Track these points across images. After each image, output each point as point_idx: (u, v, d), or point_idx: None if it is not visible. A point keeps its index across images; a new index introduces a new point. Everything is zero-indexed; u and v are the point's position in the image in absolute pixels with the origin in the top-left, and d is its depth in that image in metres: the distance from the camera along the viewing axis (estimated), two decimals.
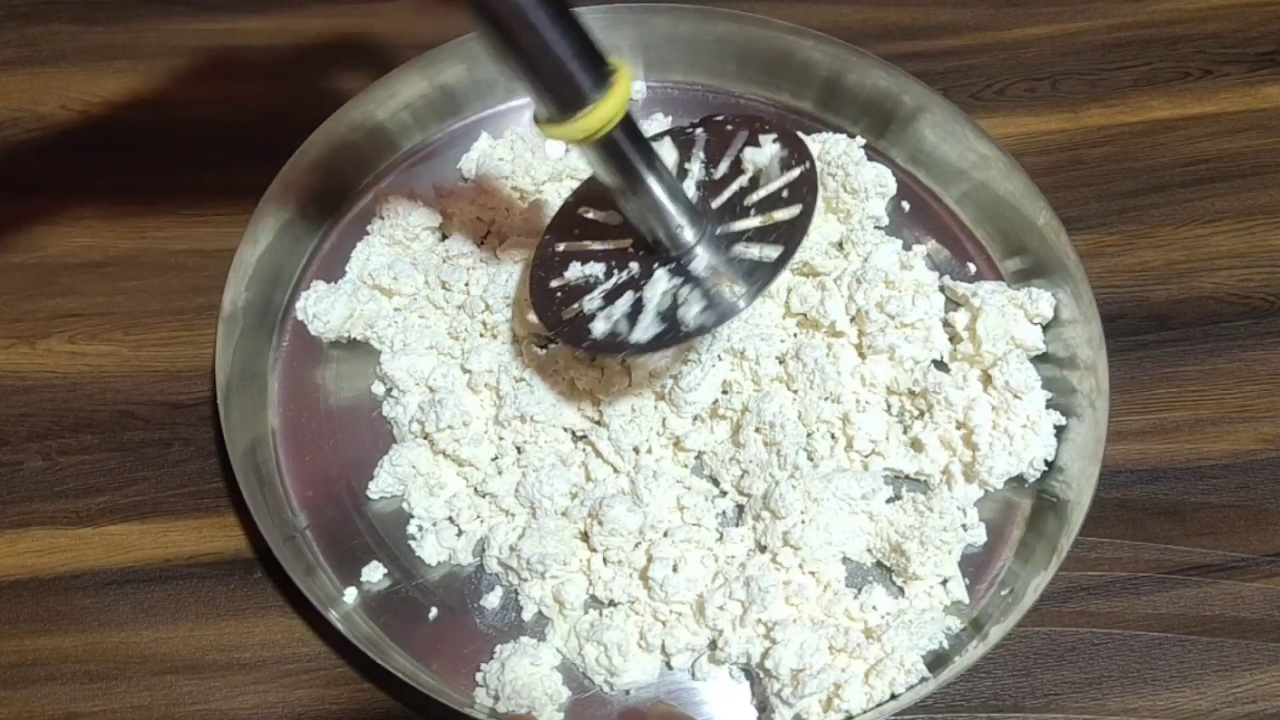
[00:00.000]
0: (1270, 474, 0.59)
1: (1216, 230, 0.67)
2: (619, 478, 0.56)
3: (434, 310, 0.61)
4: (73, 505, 0.57)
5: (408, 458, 0.56)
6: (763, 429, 0.55)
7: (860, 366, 0.59)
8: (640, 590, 0.53)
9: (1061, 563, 0.52)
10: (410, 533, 0.56)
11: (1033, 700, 0.53)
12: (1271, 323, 0.64)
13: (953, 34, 0.75)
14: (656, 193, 0.48)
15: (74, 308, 0.63)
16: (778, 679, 0.50)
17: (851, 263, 0.61)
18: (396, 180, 0.66)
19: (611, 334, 0.50)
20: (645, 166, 0.47)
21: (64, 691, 0.53)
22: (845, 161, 0.63)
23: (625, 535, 0.53)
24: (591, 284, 0.53)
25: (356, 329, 0.60)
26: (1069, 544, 0.52)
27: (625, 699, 0.52)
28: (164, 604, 0.55)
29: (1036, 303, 0.59)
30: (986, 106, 0.71)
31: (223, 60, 0.72)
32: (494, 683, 0.50)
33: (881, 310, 0.58)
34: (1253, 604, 0.56)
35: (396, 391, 0.59)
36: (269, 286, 0.61)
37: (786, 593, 0.52)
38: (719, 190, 0.53)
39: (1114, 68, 0.73)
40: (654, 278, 0.51)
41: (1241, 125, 0.71)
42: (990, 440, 0.56)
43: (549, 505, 0.55)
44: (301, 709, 0.53)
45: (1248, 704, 0.53)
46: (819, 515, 0.54)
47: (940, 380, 0.57)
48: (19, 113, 0.70)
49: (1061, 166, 0.69)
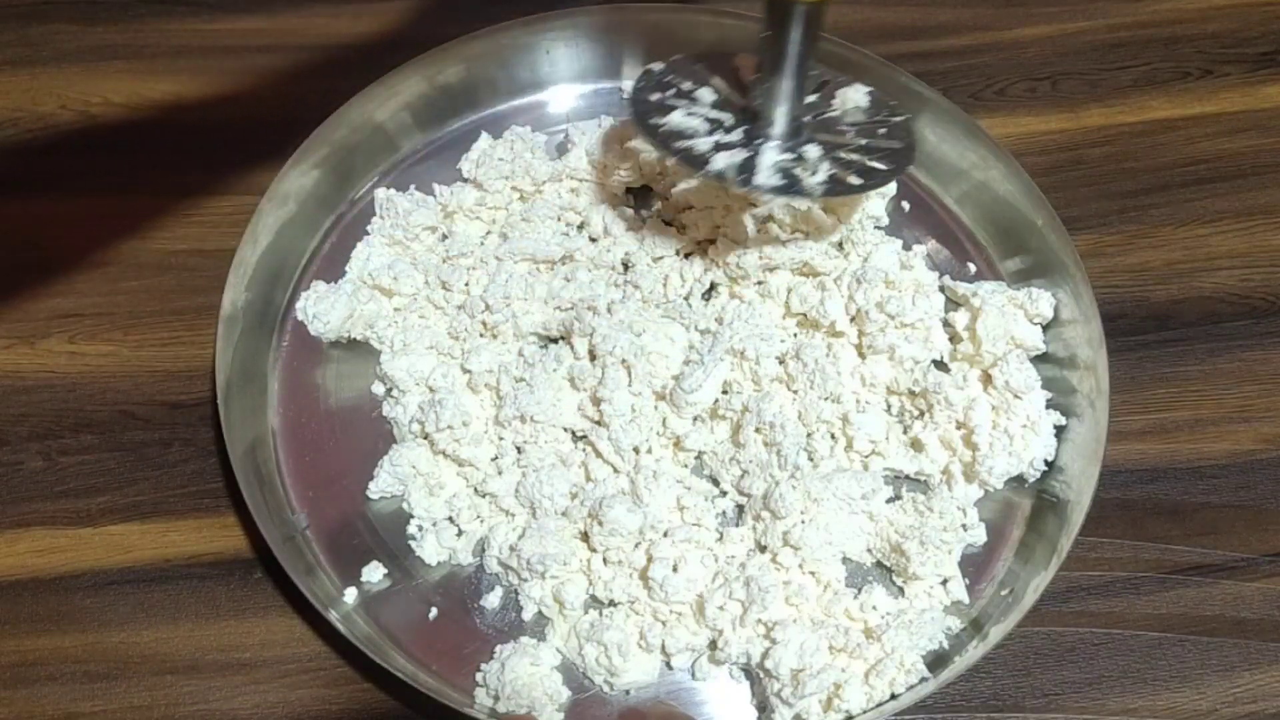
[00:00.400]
0: (1270, 474, 0.59)
1: (1216, 230, 0.67)
2: (619, 478, 0.56)
3: (434, 310, 0.61)
4: (73, 505, 0.57)
5: (408, 458, 0.56)
6: (763, 429, 0.55)
7: (860, 366, 0.59)
8: (640, 590, 0.53)
9: (1061, 563, 0.52)
10: (410, 533, 0.56)
11: (1033, 700, 0.53)
12: (1271, 323, 0.64)
13: (953, 34, 0.75)
14: (799, 76, 0.54)
15: (74, 308, 0.63)
16: (778, 679, 0.50)
17: (851, 263, 0.61)
18: (396, 180, 0.66)
19: (733, 169, 0.55)
20: (810, 50, 0.53)
21: (64, 691, 0.53)
22: None
23: (625, 535, 0.53)
24: (693, 134, 0.56)
25: (356, 329, 0.60)
26: (1069, 544, 0.52)
27: (625, 699, 0.52)
28: (164, 604, 0.55)
29: (1036, 303, 0.59)
30: (987, 106, 0.71)
31: (223, 60, 0.72)
32: (494, 683, 0.51)
33: (881, 310, 0.58)
34: (1253, 604, 0.56)
35: (396, 391, 0.59)
36: (269, 286, 0.61)
37: (786, 593, 0.52)
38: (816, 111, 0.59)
39: (1114, 68, 0.73)
40: (764, 147, 0.56)
41: (1241, 125, 0.71)
42: (990, 440, 0.56)
43: (549, 505, 0.55)
44: (301, 709, 0.53)
45: (1248, 704, 0.53)
46: (819, 515, 0.54)
47: (940, 380, 0.57)
48: (19, 113, 0.70)
49: (1061, 166, 0.69)
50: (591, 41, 0.68)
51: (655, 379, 0.57)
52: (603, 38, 0.68)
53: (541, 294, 0.60)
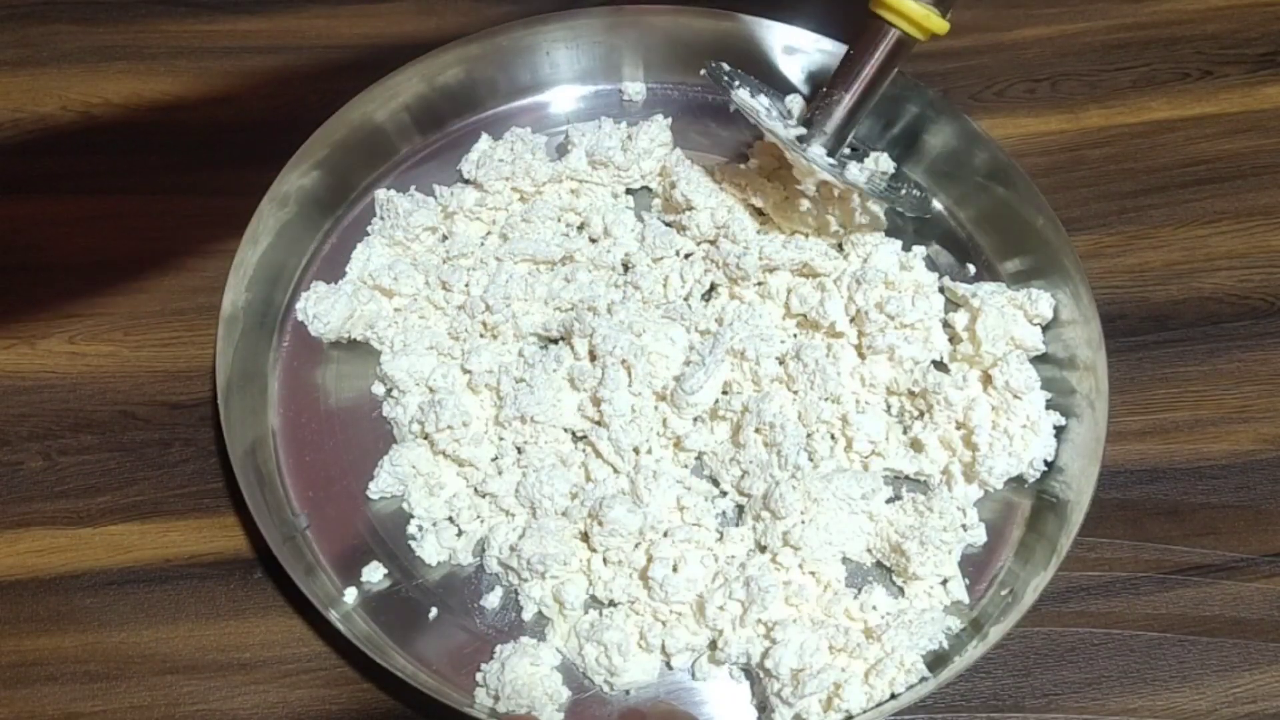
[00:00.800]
0: (1270, 474, 0.59)
1: (1216, 231, 0.67)
2: (619, 478, 0.56)
3: (434, 311, 0.61)
4: (73, 505, 0.57)
5: (408, 458, 0.56)
6: (763, 429, 0.56)
7: (860, 367, 0.59)
8: (640, 590, 0.53)
9: (1061, 563, 0.52)
10: (410, 533, 0.56)
11: (1033, 700, 0.53)
12: (1271, 323, 0.64)
13: (952, 35, 0.73)
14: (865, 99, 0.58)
15: (74, 308, 0.63)
16: (778, 679, 0.50)
17: (851, 263, 0.61)
18: (397, 181, 0.66)
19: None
20: (884, 77, 0.58)
21: (64, 691, 0.53)
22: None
23: (625, 535, 0.53)
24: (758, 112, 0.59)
25: (356, 329, 0.60)
26: (1069, 544, 0.52)
27: (625, 699, 0.52)
28: (164, 604, 0.55)
29: (1036, 303, 0.59)
30: (986, 107, 0.72)
31: (223, 61, 0.72)
32: (494, 682, 0.51)
33: (881, 311, 0.58)
34: (1253, 604, 0.56)
35: (396, 392, 0.59)
36: (269, 287, 0.61)
37: (786, 593, 0.52)
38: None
39: (1113, 69, 0.74)
40: (811, 147, 0.59)
41: (1241, 126, 0.71)
42: (990, 441, 0.56)
43: (549, 505, 0.55)
44: (301, 709, 0.53)
45: (1248, 704, 0.53)
46: (819, 515, 0.54)
47: (940, 380, 0.57)
48: (19, 113, 0.70)
49: (1061, 167, 0.69)
50: (591, 43, 0.68)
51: (655, 379, 0.57)
52: (603, 39, 0.68)
53: (541, 295, 0.60)
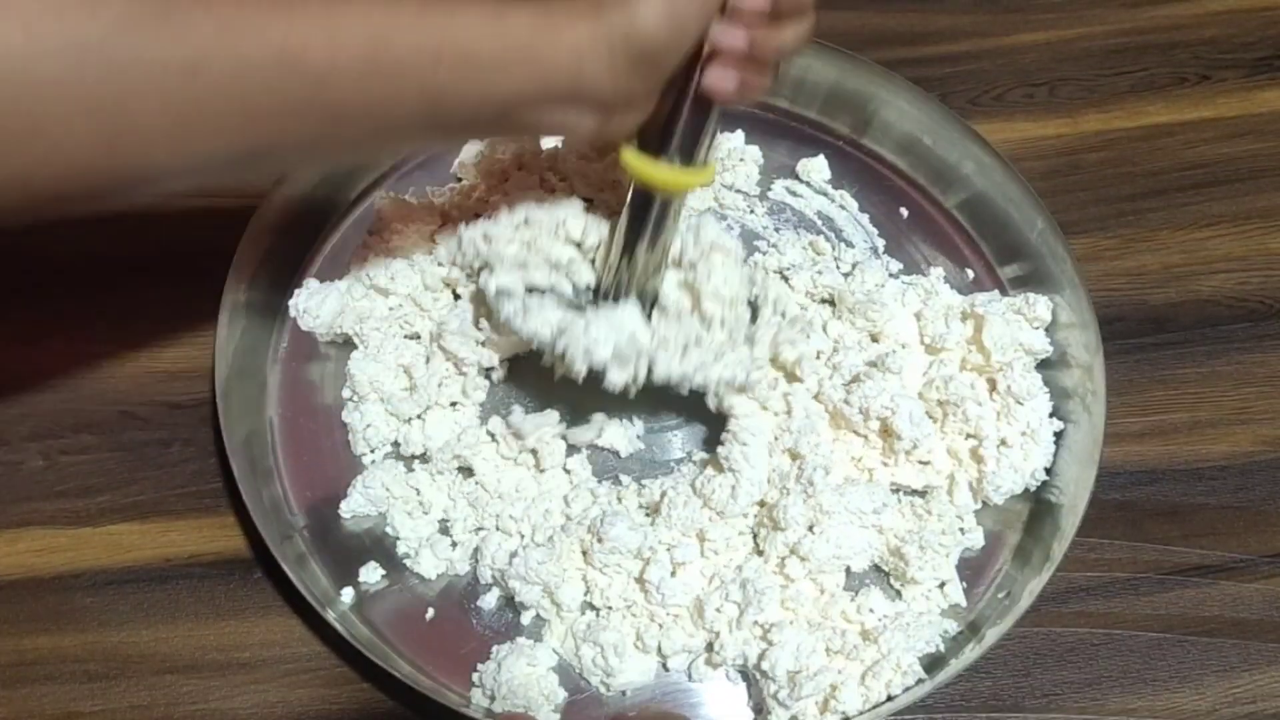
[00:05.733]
0: (1269, 475, 0.59)
1: (1214, 234, 0.67)
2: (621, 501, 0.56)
3: (419, 315, 0.60)
4: (73, 505, 0.57)
5: (380, 479, 0.55)
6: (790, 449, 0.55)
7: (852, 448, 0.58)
8: (637, 594, 0.53)
9: (1057, 566, 0.52)
10: (404, 552, 0.55)
11: (1032, 700, 0.53)
12: (1269, 326, 0.64)
13: (950, 40, 0.75)
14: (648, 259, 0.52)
15: (74, 308, 0.63)
16: (774, 681, 0.50)
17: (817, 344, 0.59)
18: (395, 182, 0.66)
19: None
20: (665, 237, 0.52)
21: (64, 691, 0.53)
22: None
23: (625, 553, 0.52)
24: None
25: (347, 323, 0.59)
26: (1063, 548, 0.52)
27: (622, 700, 0.52)
28: (164, 604, 0.55)
29: (1034, 307, 0.59)
30: (984, 112, 0.72)
31: None
32: (490, 683, 0.50)
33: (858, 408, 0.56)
34: (1252, 604, 0.55)
35: (356, 396, 0.57)
36: (269, 287, 0.61)
37: (783, 595, 0.52)
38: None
39: (1111, 73, 0.74)
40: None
41: (1238, 130, 0.71)
42: (997, 457, 0.55)
43: (545, 523, 0.54)
44: (301, 709, 0.52)
45: (1247, 704, 0.53)
46: (829, 528, 0.53)
47: (962, 394, 0.56)
48: None
49: (1059, 171, 0.69)
50: None
51: None
52: None
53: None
